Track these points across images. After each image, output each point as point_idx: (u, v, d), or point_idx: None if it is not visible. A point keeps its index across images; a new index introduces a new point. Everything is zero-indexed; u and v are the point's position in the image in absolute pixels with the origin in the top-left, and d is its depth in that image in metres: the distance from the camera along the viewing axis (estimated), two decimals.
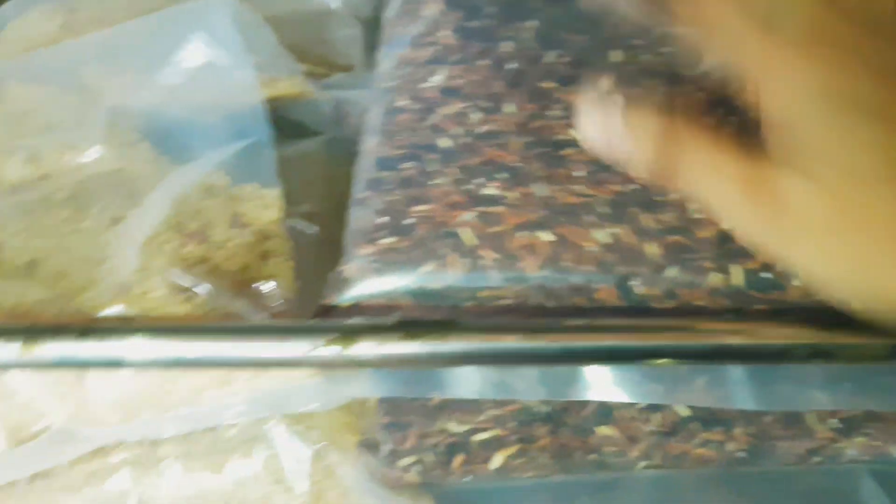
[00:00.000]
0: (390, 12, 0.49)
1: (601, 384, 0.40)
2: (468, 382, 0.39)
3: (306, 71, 0.56)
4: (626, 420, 0.41)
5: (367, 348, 0.35)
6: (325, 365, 0.37)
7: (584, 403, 0.41)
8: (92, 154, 0.46)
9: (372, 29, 0.69)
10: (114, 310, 0.38)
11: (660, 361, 0.37)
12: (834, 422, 0.43)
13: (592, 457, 0.42)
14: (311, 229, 0.47)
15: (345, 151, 0.56)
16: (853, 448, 0.43)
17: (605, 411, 0.41)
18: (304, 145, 0.54)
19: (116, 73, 0.50)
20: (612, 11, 0.39)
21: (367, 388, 0.40)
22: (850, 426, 0.43)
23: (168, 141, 0.47)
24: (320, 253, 0.46)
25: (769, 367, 0.40)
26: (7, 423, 0.38)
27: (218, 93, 0.45)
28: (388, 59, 0.46)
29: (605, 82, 0.36)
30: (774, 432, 0.42)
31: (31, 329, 0.35)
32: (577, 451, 0.41)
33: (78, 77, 0.51)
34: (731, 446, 0.42)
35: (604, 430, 0.41)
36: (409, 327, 0.35)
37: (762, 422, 0.42)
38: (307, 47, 0.60)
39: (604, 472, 0.42)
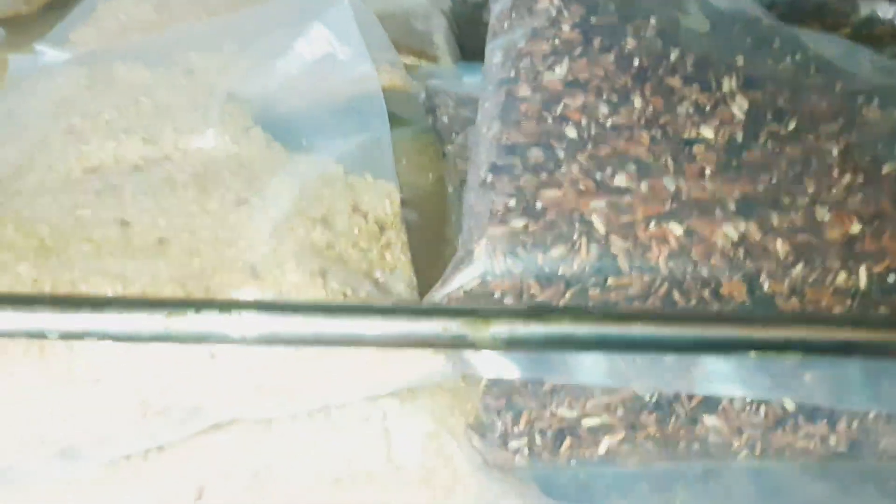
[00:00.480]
0: (498, 7, 0.49)
1: (719, 376, 0.40)
2: (591, 369, 0.40)
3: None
4: (733, 412, 0.42)
5: (501, 330, 0.35)
6: (459, 346, 0.37)
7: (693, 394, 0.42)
8: (208, 137, 0.46)
9: (452, 22, 0.70)
10: (249, 292, 0.38)
11: (788, 354, 0.37)
12: None
13: (696, 446, 0.42)
14: (411, 216, 0.47)
15: (432, 141, 0.57)
16: None
17: (713, 402, 0.42)
18: (395, 134, 0.55)
19: (226, 60, 0.50)
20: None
21: (494, 369, 0.40)
22: None
23: (283, 128, 0.47)
24: (421, 239, 0.46)
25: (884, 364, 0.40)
26: (141, 396, 0.39)
27: (338, 84, 0.45)
28: (500, 52, 0.47)
29: None
30: (878, 428, 0.43)
31: (175, 303, 0.36)
32: (682, 441, 0.42)
33: (186, 62, 0.51)
34: (833, 440, 0.42)
35: (710, 421, 0.42)
36: (543, 312, 0.35)
37: (867, 418, 0.42)
38: (398, 40, 0.61)
39: (704, 461, 0.42)
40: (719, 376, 0.41)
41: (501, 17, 0.49)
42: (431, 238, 0.49)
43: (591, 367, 0.40)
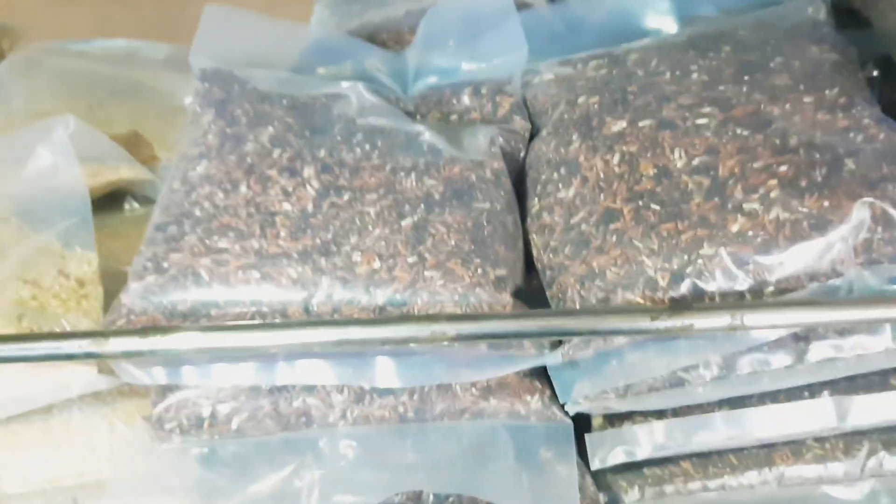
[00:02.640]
0: (186, 122, 0.69)
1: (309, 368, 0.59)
2: (205, 372, 0.58)
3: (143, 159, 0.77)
4: (325, 392, 0.60)
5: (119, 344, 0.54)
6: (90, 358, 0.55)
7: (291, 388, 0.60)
8: None
9: None
10: None
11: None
12: (474, 390, 0.61)
13: (303, 419, 0.60)
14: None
15: None
16: (490, 408, 0.61)
17: (311, 386, 0.60)
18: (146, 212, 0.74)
19: None
20: None
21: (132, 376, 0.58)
22: (486, 392, 0.61)
23: (27, 216, 0.66)
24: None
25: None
26: None
27: (56, 184, 0.65)
28: (176, 153, 0.66)
29: None
30: (433, 397, 0.61)
31: None
32: (293, 416, 0.60)
33: None
34: (401, 409, 0.61)
35: (311, 400, 0.60)
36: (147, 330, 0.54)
37: (423, 391, 0.60)
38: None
39: (314, 429, 0.61)
40: (314, 368, 0.59)
41: (188, 125, 0.68)
42: None
43: (206, 371, 0.58)
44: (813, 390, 0.58)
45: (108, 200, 0.79)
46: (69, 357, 0.54)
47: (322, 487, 0.60)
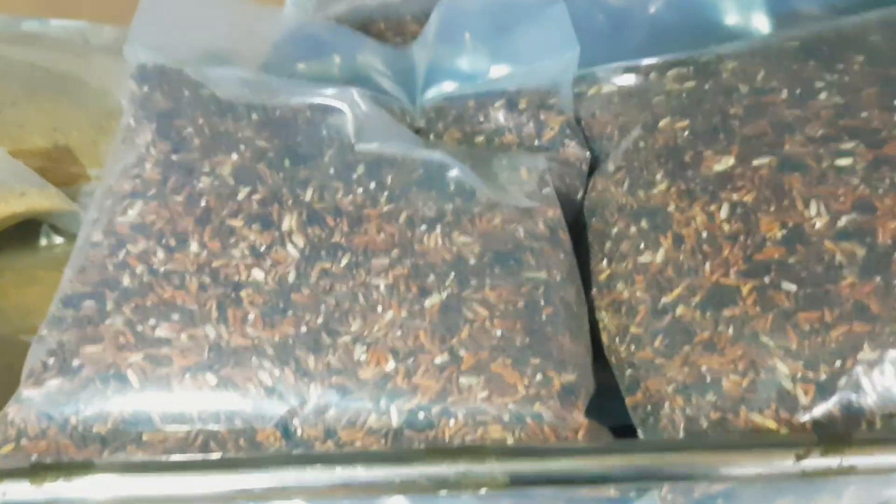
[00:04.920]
0: (117, 138, 0.48)
1: None
2: None
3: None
4: None
5: None
6: None
7: None
8: None
9: None
10: None
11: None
12: None
13: None
14: None
15: None
16: None
17: None
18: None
19: None
20: None
21: None
22: None
23: None
24: None
25: None
26: None
27: None
28: (99, 189, 0.46)
29: None
30: None
31: None
32: None
33: None
34: None
35: None
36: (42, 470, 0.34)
37: None
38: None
39: None
40: None
41: (114, 150, 0.48)
42: None
43: None
44: None
45: (16, 233, 0.59)
46: None
47: None
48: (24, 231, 0.59)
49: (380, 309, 0.40)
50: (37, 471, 0.35)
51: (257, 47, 0.59)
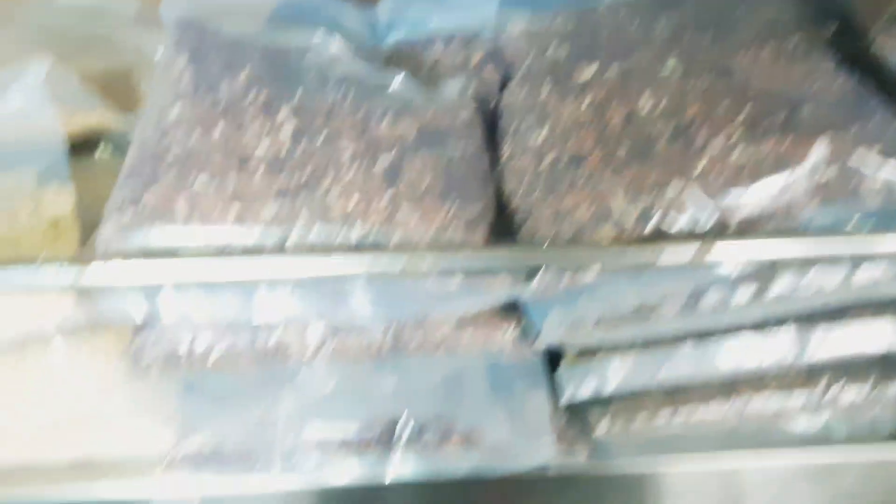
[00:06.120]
0: (159, 63, 0.67)
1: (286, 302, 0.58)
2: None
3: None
4: (298, 329, 0.60)
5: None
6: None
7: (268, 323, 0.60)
8: None
9: None
10: None
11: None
12: (448, 325, 0.61)
13: (279, 354, 0.60)
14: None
15: None
16: (464, 343, 0.61)
17: (286, 322, 0.60)
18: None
19: None
20: None
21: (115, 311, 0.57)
22: (460, 327, 0.61)
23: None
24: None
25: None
26: None
27: (29, 125, 0.63)
28: (150, 99, 0.65)
29: None
30: (407, 332, 0.61)
31: None
32: (268, 352, 0.60)
33: None
34: (376, 344, 0.61)
35: (283, 336, 0.60)
36: None
37: (398, 326, 0.61)
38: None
39: (291, 364, 0.61)
40: (291, 302, 0.59)
41: (158, 71, 0.67)
42: None
43: (183, 304, 0.57)
44: (774, 323, 0.59)
45: (78, 148, 0.77)
46: (47, 287, 0.52)
47: (298, 418, 0.60)
48: (83, 147, 0.77)
49: (345, 169, 0.59)
50: (123, 260, 0.54)
51: (259, 12, 0.78)
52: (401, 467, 0.62)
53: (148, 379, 0.59)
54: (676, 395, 0.64)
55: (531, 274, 0.59)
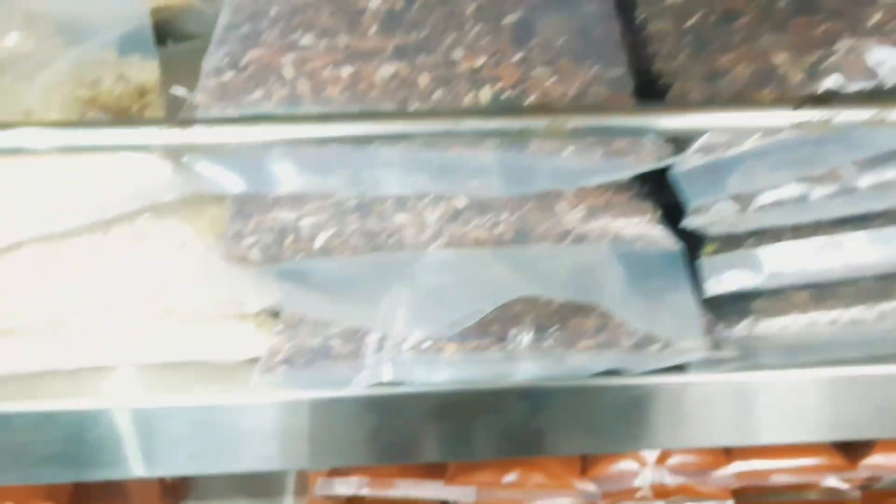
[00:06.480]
0: None
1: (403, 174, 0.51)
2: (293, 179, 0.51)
3: None
4: (417, 209, 0.53)
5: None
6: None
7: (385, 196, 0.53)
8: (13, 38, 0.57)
9: None
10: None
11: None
12: (579, 210, 0.54)
13: (392, 239, 0.53)
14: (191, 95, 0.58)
15: None
16: (596, 230, 0.55)
17: (403, 201, 0.53)
18: (191, 45, 0.66)
19: None
20: None
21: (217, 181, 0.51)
22: (592, 213, 0.54)
23: (75, 33, 0.58)
24: None
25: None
26: None
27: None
28: None
29: None
30: (534, 216, 0.54)
31: None
32: (381, 235, 0.53)
33: None
34: (499, 229, 0.54)
35: (400, 217, 0.53)
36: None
37: (523, 209, 0.54)
38: None
39: (404, 251, 0.54)
40: (409, 175, 0.52)
41: None
42: None
43: (289, 175, 0.51)
44: None
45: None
46: (144, 148, 0.46)
47: (412, 313, 0.54)
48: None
49: (469, 25, 0.52)
50: (229, 120, 0.47)
51: None
52: (524, 369, 0.55)
53: (246, 267, 0.53)
54: (824, 295, 0.57)
55: (679, 147, 0.52)
